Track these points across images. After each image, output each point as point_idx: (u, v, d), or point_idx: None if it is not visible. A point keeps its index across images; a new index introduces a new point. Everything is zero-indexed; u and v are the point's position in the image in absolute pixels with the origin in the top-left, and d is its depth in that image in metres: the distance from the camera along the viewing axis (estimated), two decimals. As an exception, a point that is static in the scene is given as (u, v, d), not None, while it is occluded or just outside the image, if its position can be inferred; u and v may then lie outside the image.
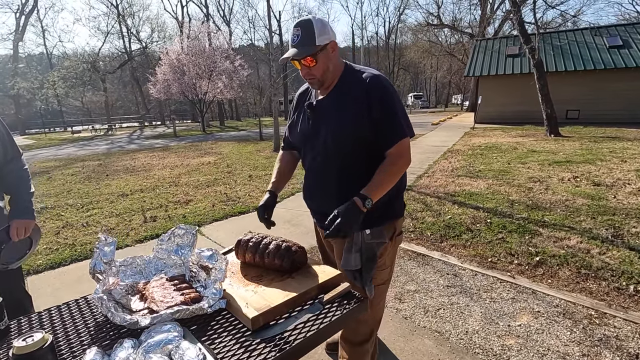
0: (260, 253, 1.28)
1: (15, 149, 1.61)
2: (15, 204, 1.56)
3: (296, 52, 1.29)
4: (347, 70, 1.40)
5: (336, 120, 1.36)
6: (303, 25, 1.29)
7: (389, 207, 1.42)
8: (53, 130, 31.75)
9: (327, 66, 1.33)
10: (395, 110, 1.31)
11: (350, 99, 1.34)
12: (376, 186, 1.28)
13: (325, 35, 1.29)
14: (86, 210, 5.19)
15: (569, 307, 2.36)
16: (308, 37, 1.27)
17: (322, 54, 1.30)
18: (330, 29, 1.31)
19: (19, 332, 1.07)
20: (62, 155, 12.69)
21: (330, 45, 1.31)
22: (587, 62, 14.97)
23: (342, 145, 1.36)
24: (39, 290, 2.90)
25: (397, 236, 1.49)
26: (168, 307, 1.05)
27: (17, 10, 29.89)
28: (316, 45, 1.28)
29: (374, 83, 1.31)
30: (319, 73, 1.33)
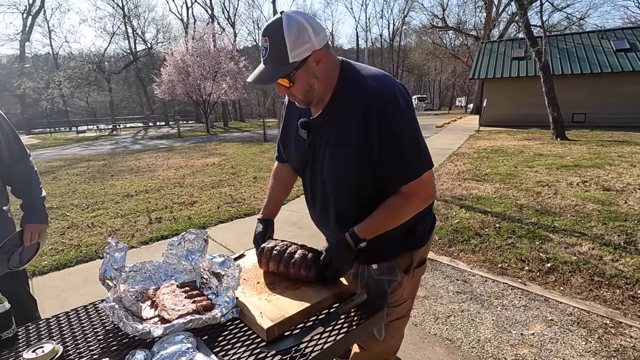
0: (284, 263, 1.20)
1: (22, 150, 1.58)
2: (29, 209, 1.55)
3: (262, 76, 1.00)
4: (342, 77, 1.07)
5: (332, 155, 1.09)
6: (271, 35, 0.96)
7: (401, 240, 1.20)
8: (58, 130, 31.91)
9: (310, 84, 1.03)
10: (401, 143, 1.01)
11: (346, 128, 1.05)
12: (372, 226, 1.10)
13: (302, 47, 0.96)
14: (91, 210, 5.18)
15: (583, 316, 2.31)
16: (278, 52, 0.96)
17: (300, 72, 0.99)
18: (313, 31, 0.96)
19: (27, 340, 1.04)
20: (67, 155, 12.74)
21: (312, 58, 0.98)
22: (593, 66, 14.87)
23: (343, 187, 1.13)
24: (44, 292, 2.87)
25: (416, 268, 1.25)
26: (180, 316, 1.02)
27: (24, 10, 30.19)
28: (289, 64, 0.96)
29: (375, 102, 1.00)
30: (299, 93, 1.05)
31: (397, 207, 1.09)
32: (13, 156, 1.53)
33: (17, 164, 1.55)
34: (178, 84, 21.68)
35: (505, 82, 16.84)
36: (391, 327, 1.30)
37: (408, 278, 1.25)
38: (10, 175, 1.55)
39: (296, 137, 1.21)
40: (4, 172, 1.51)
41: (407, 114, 1.02)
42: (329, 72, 1.05)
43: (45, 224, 1.59)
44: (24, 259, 1.56)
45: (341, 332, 1.02)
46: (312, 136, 1.14)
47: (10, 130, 1.51)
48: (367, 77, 1.05)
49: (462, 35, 32.65)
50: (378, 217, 1.10)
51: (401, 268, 1.23)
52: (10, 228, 1.55)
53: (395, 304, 1.27)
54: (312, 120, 1.14)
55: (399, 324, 1.32)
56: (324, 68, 1.03)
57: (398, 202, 1.08)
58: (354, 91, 1.05)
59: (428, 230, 1.26)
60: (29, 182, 1.59)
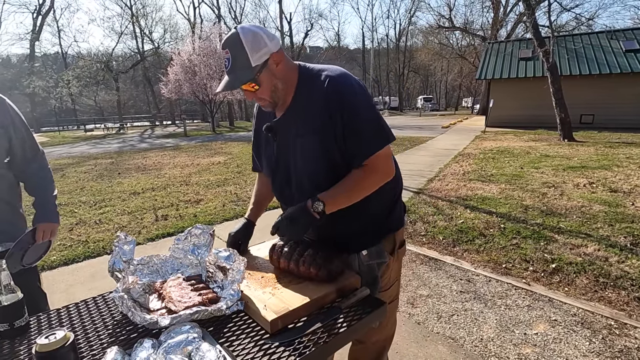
0: (295, 260, 1.22)
1: (35, 147, 1.61)
2: (41, 208, 1.58)
3: (229, 82, 1.09)
4: (302, 77, 1.16)
5: (303, 145, 1.16)
6: (231, 46, 1.06)
7: (384, 222, 1.27)
8: (66, 128, 32.32)
9: (274, 84, 1.12)
10: (359, 119, 1.09)
11: (310, 117, 1.13)
12: (334, 194, 1.12)
13: (261, 51, 1.05)
14: (99, 207, 5.26)
15: (587, 317, 2.30)
16: (240, 59, 1.06)
17: (263, 74, 1.08)
18: (267, 37, 1.07)
19: (38, 328, 1.07)
20: (75, 153, 12.90)
21: (271, 60, 1.08)
22: (602, 66, 14.72)
23: (319, 173, 1.17)
24: (53, 286, 2.93)
25: (399, 249, 1.33)
26: (186, 308, 1.04)
27: (35, 10, 30.63)
28: (252, 68, 1.06)
29: (332, 87, 1.09)
30: (266, 95, 1.13)
31: (359, 179, 1.14)
32: (26, 154, 1.55)
33: (30, 162, 1.58)
34: (185, 84, 21.82)
35: (512, 83, 16.73)
36: None
37: (393, 259, 1.31)
38: (24, 173, 1.58)
39: (266, 142, 1.30)
40: (17, 170, 1.55)
41: (362, 96, 1.11)
42: (288, 73, 1.14)
43: (57, 223, 1.62)
44: (36, 257, 1.60)
45: (343, 326, 1.03)
46: (279, 136, 1.22)
47: (25, 128, 1.54)
48: (323, 70, 1.15)
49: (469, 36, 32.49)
50: (341, 187, 1.14)
51: (387, 250, 1.28)
52: (22, 224, 1.58)
53: (386, 288, 1.32)
54: (276, 122, 1.21)
55: (391, 308, 1.35)
56: (284, 69, 1.13)
57: (359, 175, 1.14)
58: (313, 83, 1.13)
59: (402, 214, 1.35)
60: (42, 180, 1.62)
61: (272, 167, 1.29)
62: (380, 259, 1.26)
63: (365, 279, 1.26)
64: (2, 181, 1.48)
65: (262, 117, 1.32)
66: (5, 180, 1.49)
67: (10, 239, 1.51)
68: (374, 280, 1.26)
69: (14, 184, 1.54)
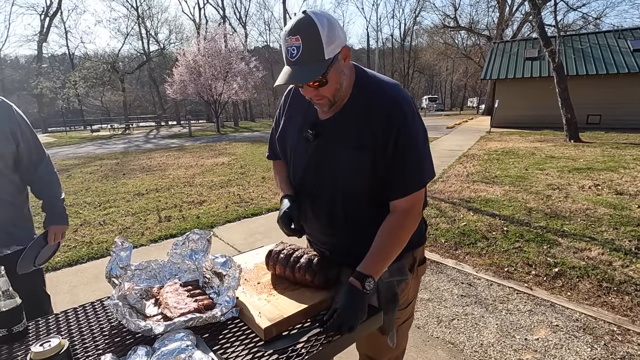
0: (290, 267, 1.22)
1: (41, 151, 1.65)
2: (51, 211, 1.65)
3: (296, 75, 0.92)
4: (358, 80, 1.06)
5: (347, 162, 1.06)
6: (304, 32, 0.89)
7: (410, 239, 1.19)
8: (73, 128, 32.65)
9: (340, 82, 0.99)
10: (414, 152, 1.02)
11: (362, 130, 1.03)
12: (378, 260, 1.03)
13: (335, 42, 0.92)
14: (103, 208, 5.30)
15: (590, 322, 2.28)
16: (314, 49, 0.90)
17: (333, 70, 0.95)
18: (339, 26, 0.93)
19: (36, 334, 1.08)
20: (81, 154, 13.03)
21: (341, 55, 0.95)
22: (609, 66, 14.55)
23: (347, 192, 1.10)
24: (57, 287, 2.96)
25: (418, 267, 1.28)
26: (181, 314, 1.05)
27: (42, 12, 30.98)
28: (325, 61, 0.91)
29: (395, 109, 1.00)
30: (329, 93, 1.00)
31: (397, 228, 1.06)
32: (32, 158, 1.59)
33: (37, 166, 1.62)
34: (190, 84, 21.95)
35: (518, 83, 16.60)
36: (400, 331, 1.30)
37: (413, 277, 1.26)
38: (31, 177, 1.62)
39: (299, 139, 1.16)
40: (24, 174, 1.58)
41: (420, 127, 1.05)
42: (350, 72, 1.04)
43: (67, 225, 1.71)
44: (46, 257, 1.67)
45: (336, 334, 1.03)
46: (321, 139, 1.10)
47: (30, 132, 1.57)
48: (382, 81, 1.07)
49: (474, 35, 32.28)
50: (380, 249, 1.04)
51: (406, 267, 1.23)
52: (29, 225, 1.62)
53: (403, 306, 1.26)
54: (323, 122, 1.10)
55: (406, 326, 1.33)
56: (348, 67, 1.02)
57: (396, 223, 1.05)
58: (372, 92, 1.04)
59: (424, 227, 1.30)
60: (49, 184, 1.67)
61: (303, 165, 1.18)
62: (400, 277, 1.19)
63: (385, 297, 1.17)
64: (10, 185, 1.51)
65: (297, 107, 1.18)
66: (13, 184, 1.53)
67: (17, 241, 1.54)
68: (393, 297, 1.18)
69: (20, 187, 1.58)
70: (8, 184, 1.50)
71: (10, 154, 1.49)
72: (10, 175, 1.51)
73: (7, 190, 1.49)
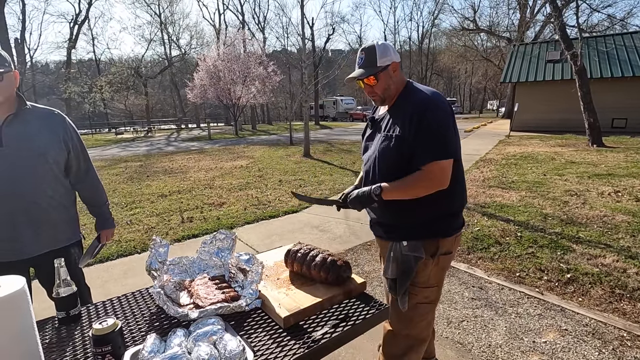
0: (307, 264, 1.38)
1: (88, 159, 1.84)
2: (101, 216, 1.91)
3: (360, 73, 1.44)
4: (406, 89, 1.46)
5: (382, 142, 1.44)
6: (367, 50, 1.44)
7: (431, 224, 1.43)
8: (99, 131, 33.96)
9: (388, 84, 1.44)
10: (431, 130, 1.32)
11: (399, 123, 1.40)
12: (392, 186, 1.37)
13: (386, 57, 1.41)
14: (129, 209, 5.59)
15: (599, 327, 2.32)
16: (370, 59, 1.42)
17: (383, 74, 1.42)
18: (393, 51, 1.43)
19: (88, 318, 1.26)
20: (107, 156, 13.60)
21: (391, 66, 1.43)
22: (636, 68, 14.08)
23: (385, 166, 1.44)
24: (90, 282, 3.12)
25: (441, 255, 1.45)
26: (211, 304, 1.21)
27: (72, 20, 32.45)
28: (377, 66, 1.41)
29: (419, 105, 1.35)
30: (380, 90, 1.45)
31: (414, 179, 1.35)
32: (81, 167, 1.79)
33: (84, 174, 1.81)
34: (209, 88, 22.53)
35: (539, 86, 16.26)
36: (416, 309, 1.48)
37: (433, 262, 1.45)
38: (79, 184, 1.82)
39: (367, 129, 1.64)
40: (73, 178, 1.78)
41: (441, 114, 1.35)
42: (399, 81, 1.48)
43: (114, 227, 1.99)
44: (96, 253, 1.94)
45: (348, 324, 1.16)
46: (373, 129, 1.56)
47: (79, 141, 1.77)
48: (419, 91, 1.43)
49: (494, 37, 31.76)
50: (399, 181, 1.38)
51: (427, 251, 1.43)
52: (75, 223, 1.82)
53: (423, 285, 1.47)
54: (375, 118, 1.57)
55: (424, 308, 1.50)
56: (397, 77, 1.46)
57: (416, 176, 1.35)
58: (408, 99, 1.44)
59: (455, 226, 1.49)
60: (96, 190, 1.89)
61: (365, 145, 1.62)
62: (416, 253, 1.41)
63: (401, 267, 1.43)
64: (63, 188, 1.71)
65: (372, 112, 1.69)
66: (65, 188, 1.73)
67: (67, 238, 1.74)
68: (409, 270, 1.42)
69: (70, 190, 1.78)
70: (62, 187, 1.70)
71: (63, 160, 1.69)
72: (63, 180, 1.71)
73: (61, 193, 1.69)
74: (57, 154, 1.64)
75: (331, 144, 14.50)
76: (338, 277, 1.34)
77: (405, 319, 1.52)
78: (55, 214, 1.69)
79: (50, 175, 1.65)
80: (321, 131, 22.67)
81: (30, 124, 1.60)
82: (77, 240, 1.83)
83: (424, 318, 1.53)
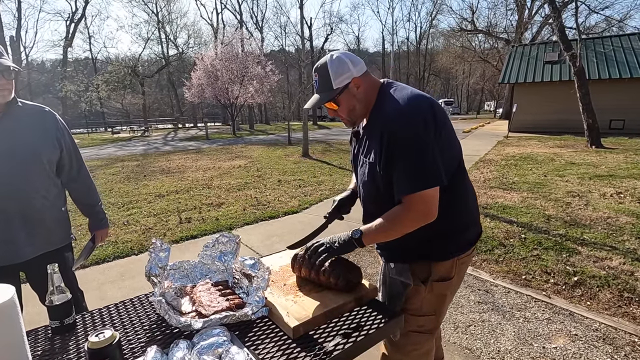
0: (315, 270, 1.29)
1: (80, 159, 1.77)
2: (94, 217, 1.85)
3: (315, 100, 1.28)
4: (378, 99, 1.24)
5: (362, 166, 1.28)
6: (319, 71, 1.24)
7: (422, 246, 1.25)
8: (95, 130, 33.71)
9: (352, 105, 1.24)
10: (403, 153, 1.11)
11: (369, 143, 1.24)
12: (371, 228, 1.20)
13: (343, 75, 1.19)
14: (126, 209, 5.50)
15: (610, 332, 2.26)
16: (325, 82, 1.22)
17: (343, 96, 1.23)
18: (352, 64, 1.20)
19: (84, 326, 1.18)
20: (103, 155, 13.47)
21: (352, 84, 1.21)
22: (634, 70, 14.13)
23: (367, 195, 1.31)
24: (86, 284, 3.10)
25: (435, 281, 1.26)
26: (215, 312, 1.13)
27: (68, 18, 32.17)
28: (334, 90, 1.21)
29: (386, 122, 1.14)
30: (344, 114, 1.28)
31: (396, 216, 1.16)
32: (73, 165, 1.72)
33: (76, 173, 1.75)
34: (207, 88, 22.41)
35: (537, 87, 16.28)
36: (408, 337, 1.32)
37: (426, 289, 1.27)
38: (71, 183, 1.75)
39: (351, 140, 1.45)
40: (64, 178, 1.71)
41: (415, 136, 1.10)
42: (367, 95, 1.25)
43: (108, 227, 1.94)
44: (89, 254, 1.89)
45: (361, 334, 1.10)
46: (357, 145, 1.36)
47: (71, 140, 1.70)
48: (392, 101, 1.18)
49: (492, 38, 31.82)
50: (379, 221, 1.19)
51: (418, 276, 1.26)
52: (67, 224, 1.74)
53: (415, 313, 1.29)
54: (357, 133, 1.37)
55: (417, 337, 1.33)
56: (363, 92, 1.24)
57: (397, 212, 1.16)
58: (377, 113, 1.23)
59: (453, 248, 1.26)
60: (88, 189, 1.82)
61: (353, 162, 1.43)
62: (402, 278, 1.28)
63: (389, 291, 1.35)
64: (55, 188, 1.64)
65: None
66: (57, 187, 1.66)
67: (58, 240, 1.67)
68: (396, 295, 1.32)
69: (62, 190, 1.71)
70: (53, 187, 1.62)
71: (56, 159, 1.62)
72: (55, 179, 1.63)
73: (53, 194, 1.62)
74: (50, 153, 1.58)
75: (329, 144, 14.44)
76: (348, 282, 1.28)
77: (397, 346, 1.35)
78: (49, 214, 1.62)
79: (44, 175, 1.58)
80: (319, 131, 22.60)
81: (22, 122, 1.53)
82: (70, 242, 1.77)
83: (417, 348, 1.34)
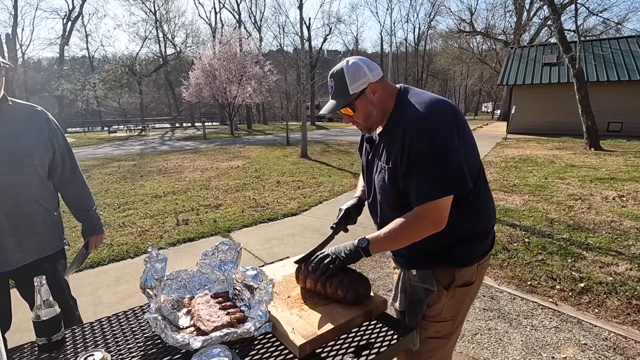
0: (322, 282, 1.22)
1: (73, 160, 1.69)
2: (88, 222, 1.75)
3: (332, 106, 1.24)
4: (397, 105, 1.21)
5: (380, 172, 1.24)
6: (335, 76, 1.21)
7: (446, 252, 1.22)
8: (92, 129, 33.45)
9: (369, 111, 1.22)
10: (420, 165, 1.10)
11: (389, 150, 1.20)
12: (380, 236, 1.18)
13: (360, 81, 1.17)
14: (122, 210, 5.40)
15: (620, 342, 2.20)
16: (341, 87, 1.20)
17: (359, 101, 1.20)
18: (369, 69, 1.19)
19: (73, 343, 1.10)
20: (99, 155, 13.32)
21: (369, 89, 1.19)
22: (632, 72, 14.18)
23: (385, 201, 1.25)
24: (80, 289, 3.02)
25: (457, 287, 1.23)
26: (215, 328, 1.05)
27: (65, 16, 31.93)
28: (350, 95, 1.19)
29: (408, 128, 1.11)
30: (361, 120, 1.25)
31: (406, 224, 1.14)
32: (65, 167, 1.63)
33: (70, 174, 1.66)
34: (205, 87, 22.28)
35: (536, 89, 16.31)
36: (427, 344, 1.27)
37: (448, 295, 1.24)
38: (64, 186, 1.66)
39: (365, 150, 1.40)
40: (57, 180, 1.62)
41: (435, 143, 1.08)
42: (384, 101, 1.22)
43: (103, 233, 1.84)
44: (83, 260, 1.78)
45: (372, 352, 1.02)
46: (372, 151, 1.32)
47: (64, 140, 1.61)
48: (414, 106, 1.15)
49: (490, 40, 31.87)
50: (388, 229, 1.17)
51: (441, 282, 1.23)
52: (59, 229, 1.66)
53: (434, 319, 1.26)
54: (372, 139, 1.32)
55: (435, 344, 1.29)
56: (379, 97, 1.21)
57: (408, 219, 1.14)
58: (399, 118, 1.18)
59: (477, 253, 1.24)
60: (82, 193, 1.72)
61: (364, 171, 1.40)
62: (426, 285, 1.23)
63: (410, 299, 1.27)
64: (47, 192, 1.56)
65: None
66: (49, 191, 1.58)
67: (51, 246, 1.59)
68: (418, 302, 1.25)
69: (54, 194, 1.62)
70: (45, 191, 1.54)
71: (48, 161, 1.53)
72: (47, 182, 1.55)
73: (45, 197, 1.53)
74: (42, 154, 1.49)
75: (328, 145, 14.36)
76: (357, 295, 1.20)
77: (411, 353, 1.29)
78: (40, 219, 1.54)
79: (35, 177, 1.50)
80: (318, 132, 22.52)
81: (13, 121, 1.45)
82: (62, 248, 1.68)
83: (432, 355, 1.30)
